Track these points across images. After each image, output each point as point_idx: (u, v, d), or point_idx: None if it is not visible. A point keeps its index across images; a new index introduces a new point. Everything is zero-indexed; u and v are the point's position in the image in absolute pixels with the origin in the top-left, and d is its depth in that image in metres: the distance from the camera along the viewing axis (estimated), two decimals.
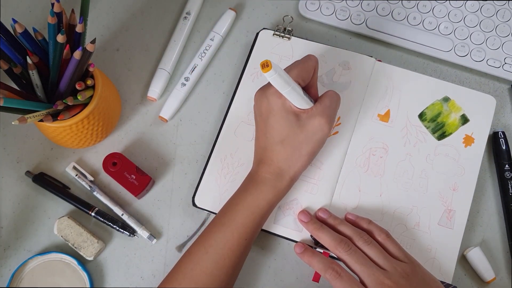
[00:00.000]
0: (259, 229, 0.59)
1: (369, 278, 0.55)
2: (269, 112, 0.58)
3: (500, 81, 0.71)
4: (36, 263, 0.63)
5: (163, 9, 0.74)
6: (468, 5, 0.72)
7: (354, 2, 0.72)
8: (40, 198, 0.66)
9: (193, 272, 0.56)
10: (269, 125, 0.58)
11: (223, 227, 0.57)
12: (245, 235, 0.57)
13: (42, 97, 0.59)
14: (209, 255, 0.56)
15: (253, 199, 0.58)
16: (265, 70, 0.51)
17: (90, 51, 0.56)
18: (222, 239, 0.56)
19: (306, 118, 0.57)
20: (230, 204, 0.59)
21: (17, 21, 0.54)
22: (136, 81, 0.71)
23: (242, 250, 0.57)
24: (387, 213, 0.64)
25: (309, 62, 0.59)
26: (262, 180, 0.58)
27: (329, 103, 0.58)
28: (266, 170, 0.58)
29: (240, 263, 0.58)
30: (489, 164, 0.68)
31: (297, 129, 0.57)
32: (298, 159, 0.58)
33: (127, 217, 0.65)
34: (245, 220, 0.57)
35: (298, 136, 0.57)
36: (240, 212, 0.57)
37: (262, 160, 0.59)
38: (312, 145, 0.58)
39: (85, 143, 0.65)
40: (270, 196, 0.58)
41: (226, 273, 0.56)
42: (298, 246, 0.61)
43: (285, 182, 0.58)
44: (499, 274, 0.64)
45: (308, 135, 0.57)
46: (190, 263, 0.56)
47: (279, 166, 0.58)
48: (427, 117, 0.66)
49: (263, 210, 0.58)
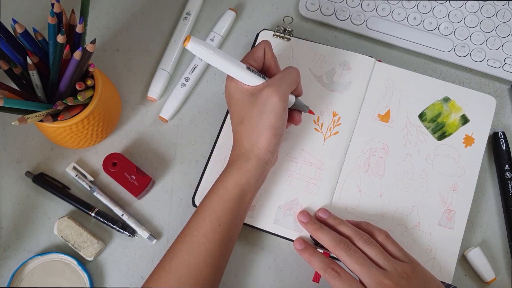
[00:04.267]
0: (236, 214, 0.58)
1: (369, 278, 0.55)
2: (229, 98, 0.60)
3: (500, 81, 0.71)
4: (36, 263, 0.63)
5: (163, 9, 0.74)
6: (468, 6, 0.72)
7: (354, 3, 0.72)
8: (40, 199, 0.66)
9: (171, 264, 0.56)
10: (232, 109, 0.60)
11: (195, 215, 0.58)
12: (217, 220, 0.56)
13: (42, 97, 0.59)
14: (184, 244, 0.56)
15: (221, 183, 0.58)
16: (185, 43, 0.53)
17: (90, 52, 0.56)
18: (195, 227, 0.56)
19: (257, 93, 0.58)
20: (206, 194, 0.59)
21: (17, 21, 0.54)
22: (136, 81, 0.71)
23: (218, 236, 0.56)
24: (387, 213, 0.63)
25: (257, 45, 0.61)
26: (229, 163, 0.59)
27: (279, 75, 0.59)
28: (233, 153, 0.59)
29: (220, 250, 0.56)
30: (489, 164, 0.68)
31: (250, 105, 0.58)
32: (259, 135, 0.57)
33: (127, 218, 0.65)
34: (214, 205, 0.57)
35: (252, 111, 0.57)
36: (209, 198, 0.58)
37: (233, 146, 0.60)
38: (268, 117, 0.57)
39: (85, 143, 0.65)
40: (237, 177, 0.57)
41: (205, 262, 0.55)
42: (298, 242, 0.61)
43: (251, 161, 0.57)
44: (499, 274, 0.64)
45: (260, 108, 0.57)
46: (168, 256, 0.57)
47: (243, 146, 0.58)
48: (427, 117, 0.66)
49: (232, 192, 0.57)
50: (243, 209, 0.58)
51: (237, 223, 0.58)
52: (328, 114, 0.67)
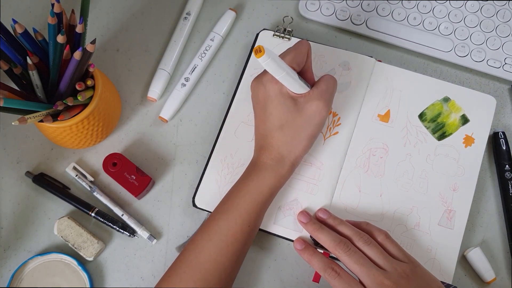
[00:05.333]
0: (262, 216, 0.60)
1: (369, 278, 0.54)
2: (266, 99, 0.59)
3: (500, 81, 0.71)
4: (36, 263, 0.63)
5: (163, 9, 0.74)
6: (468, 6, 0.72)
7: (354, 3, 0.72)
8: (40, 199, 0.66)
9: (198, 260, 0.56)
10: (268, 111, 0.59)
11: (226, 214, 0.58)
12: (248, 221, 0.57)
13: (42, 97, 0.59)
14: (213, 242, 0.56)
15: (256, 186, 0.58)
16: (258, 55, 0.52)
17: (90, 52, 0.56)
18: (225, 226, 0.57)
19: (303, 103, 0.58)
20: (233, 192, 0.59)
21: (17, 22, 0.54)
22: (136, 81, 0.71)
23: (245, 237, 0.57)
24: (387, 213, 0.63)
25: (302, 47, 0.59)
26: (264, 166, 0.59)
27: (325, 86, 0.59)
28: (267, 156, 0.59)
29: (244, 250, 0.58)
30: (489, 164, 0.68)
31: (295, 114, 0.58)
32: (298, 144, 0.58)
33: (127, 218, 0.65)
34: (248, 207, 0.57)
35: (296, 120, 0.58)
36: (243, 199, 0.58)
37: (263, 147, 0.60)
38: (311, 128, 0.58)
39: (85, 143, 0.65)
40: (272, 181, 0.58)
41: (231, 260, 0.56)
42: (298, 242, 0.61)
43: (286, 167, 0.59)
44: (500, 274, 0.64)
45: (306, 119, 0.58)
46: (194, 251, 0.57)
47: (279, 151, 0.58)
48: (427, 117, 0.66)
49: (266, 196, 0.58)
50: (266, 210, 0.60)
51: (260, 224, 0.60)
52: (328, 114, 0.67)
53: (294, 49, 0.59)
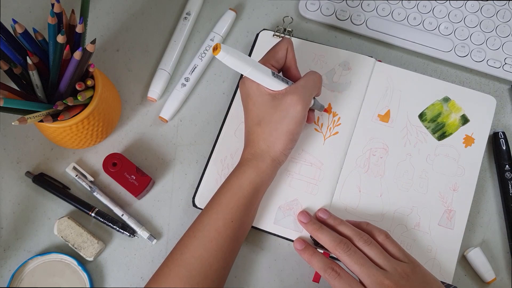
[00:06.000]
0: (249, 212, 0.59)
1: (369, 278, 0.54)
2: (247, 97, 0.60)
3: (500, 81, 0.71)
4: (36, 263, 0.63)
5: (163, 9, 0.74)
6: (468, 6, 0.72)
7: (354, 3, 0.72)
8: (40, 199, 0.66)
9: (183, 257, 0.56)
10: (248, 108, 0.60)
11: (208, 210, 0.58)
12: (230, 216, 0.57)
13: (42, 97, 0.59)
14: (197, 238, 0.57)
15: (236, 180, 0.59)
16: (215, 52, 0.51)
17: (90, 52, 0.56)
18: (208, 222, 0.57)
19: (280, 98, 0.58)
20: (218, 190, 0.60)
21: (17, 22, 0.54)
22: (136, 81, 0.71)
23: (230, 232, 0.57)
24: (387, 213, 0.63)
25: (281, 44, 0.60)
26: (244, 161, 0.59)
27: (303, 82, 0.59)
28: (248, 152, 0.60)
29: (231, 247, 0.58)
30: (489, 164, 0.68)
31: (271, 109, 0.58)
32: (277, 139, 0.58)
33: (127, 218, 0.65)
34: (228, 201, 0.58)
35: (273, 116, 0.58)
36: (224, 195, 0.58)
37: (245, 144, 0.61)
38: (287, 123, 0.58)
39: (85, 143, 0.65)
40: (252, 176, 0.58)
41: (216, 256, 0.56)
42: (298, 242, 0.61)
43: (266, 162, 0.59)
44: (500, 274, 0.64)
45: (282, 114, 0.58)
46: (179, 248, 0.57)
47: (259, 146, 0.59)
48: (427, 118, 0.66)
49: (247, 190, 0.58)
50: (254, 207, 0.60)
51: (248, 221, 0.60)
52: (328, 114, 0.67)
53: (272, 47, 0.60)
